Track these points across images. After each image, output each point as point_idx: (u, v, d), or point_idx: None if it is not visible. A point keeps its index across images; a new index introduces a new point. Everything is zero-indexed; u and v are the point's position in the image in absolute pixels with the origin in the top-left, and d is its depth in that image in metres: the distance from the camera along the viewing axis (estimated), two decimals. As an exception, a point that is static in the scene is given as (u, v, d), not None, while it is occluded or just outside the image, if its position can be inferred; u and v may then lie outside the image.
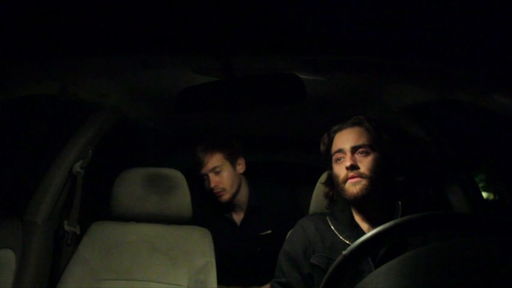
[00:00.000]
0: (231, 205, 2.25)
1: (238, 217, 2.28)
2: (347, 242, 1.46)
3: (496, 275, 0.67)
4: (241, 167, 2.24)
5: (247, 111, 2.27)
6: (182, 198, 1.98)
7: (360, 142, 1.50)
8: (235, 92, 1.33)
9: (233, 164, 2.19)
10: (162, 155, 3.05)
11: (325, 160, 1.63)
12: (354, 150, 1.49)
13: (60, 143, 1.93)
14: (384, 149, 1.51)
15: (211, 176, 2.13)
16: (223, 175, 2.14)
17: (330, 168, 1.59)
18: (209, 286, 1.82)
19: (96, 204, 2.38)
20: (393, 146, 1.55)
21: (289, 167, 3.96)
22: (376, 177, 1.45)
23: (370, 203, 1.48)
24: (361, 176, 1.45)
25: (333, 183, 1.59)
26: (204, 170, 2.13)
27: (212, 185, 2.11)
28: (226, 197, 2.15)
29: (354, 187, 1.44)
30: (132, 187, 1.98)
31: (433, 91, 1.63)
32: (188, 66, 1.48)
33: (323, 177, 1.74)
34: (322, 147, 1.64)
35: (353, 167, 1.45)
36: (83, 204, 2.01)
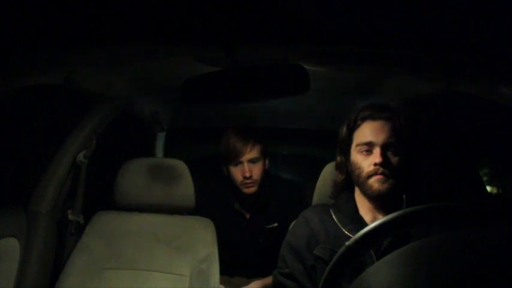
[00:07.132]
0: (243, 198, 2.25)
1: (247, 210, 2.28)
2: (350, 235, 1.44)
3: (498, 266, 0.66)
4: (266, 164, 2.24)
5: (249, 102, 2.27)
6: (185, 189, 1.98)
7: (393, 140, 1.43)
8: (240, 83, 1.32)
9: (264, 159, 2.20)
10: (166, 145, 3.05)
11: (343, 144, 1.55)
12: (385, 147, 1.43)
13: (64, 133, 1.93)
14: (412, 149, 1.46)
15: (248, 165, 2.11)
16: (258, 167, 2.14)
17: (347, 154, 1.53)
18: (211, 276, 1.82)
19: (99, 194, 2.39)
20: (420, 147, 1.51)
21: (292, 159, 3.95)
22: (401, 177, 1.41)
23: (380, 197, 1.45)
24: (388, 175, 1.40)
25: (347, 170, 1.54)
26: (243, 159, 2.10)
27: (248, 174, 2.09)
28: (254, 189, 2.14)
29: (379, 184, 1.40)
30: (135, 177, 1.98)
31: (437, 83, 1.63)
32: (192, 56, 1.48)
33: (328, 166, 1.73)
34: (345, 131, 1.54)
35: (383, 165, 1.40)
36: (87, 193, 2.02)
